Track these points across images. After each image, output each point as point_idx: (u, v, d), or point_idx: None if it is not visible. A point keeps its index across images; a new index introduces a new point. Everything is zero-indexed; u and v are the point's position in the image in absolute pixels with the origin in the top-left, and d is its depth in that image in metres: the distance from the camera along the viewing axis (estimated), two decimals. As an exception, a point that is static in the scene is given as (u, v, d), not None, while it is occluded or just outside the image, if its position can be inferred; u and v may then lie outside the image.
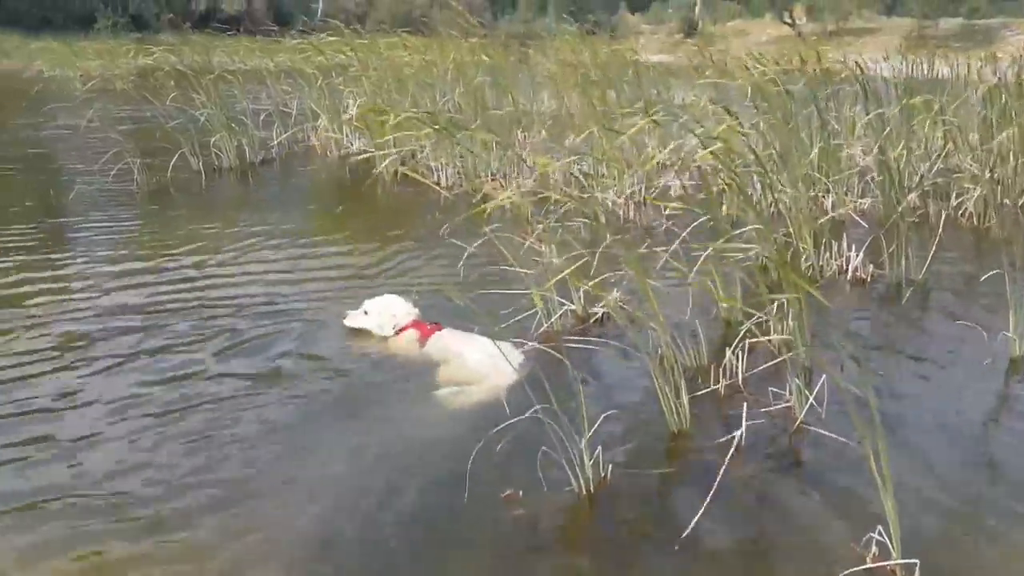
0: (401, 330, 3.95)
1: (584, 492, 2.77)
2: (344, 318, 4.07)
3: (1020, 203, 6.53)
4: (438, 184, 8.00)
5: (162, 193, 7.66)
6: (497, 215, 5.71)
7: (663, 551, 2.53)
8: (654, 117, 4.58)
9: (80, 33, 28.83)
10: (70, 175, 8.53)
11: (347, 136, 9.85)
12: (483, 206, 3.91)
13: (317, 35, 11.26)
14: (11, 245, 5.79)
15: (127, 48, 13.70)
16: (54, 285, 4.92)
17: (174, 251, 5.68)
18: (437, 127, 6.30)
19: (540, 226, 4.10)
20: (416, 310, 4.06)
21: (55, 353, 3.89)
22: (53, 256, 5.59)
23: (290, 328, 4.19)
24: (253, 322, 4.28)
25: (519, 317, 4.04)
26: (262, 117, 9.84)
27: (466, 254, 4.51)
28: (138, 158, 7.95)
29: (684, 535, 2.56)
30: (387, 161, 8.09)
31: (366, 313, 3.99)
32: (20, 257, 5.50)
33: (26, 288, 4.85)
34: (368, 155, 9.38)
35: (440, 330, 3.88)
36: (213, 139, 8.76)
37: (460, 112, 8.74)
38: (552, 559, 2.54)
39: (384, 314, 3.96)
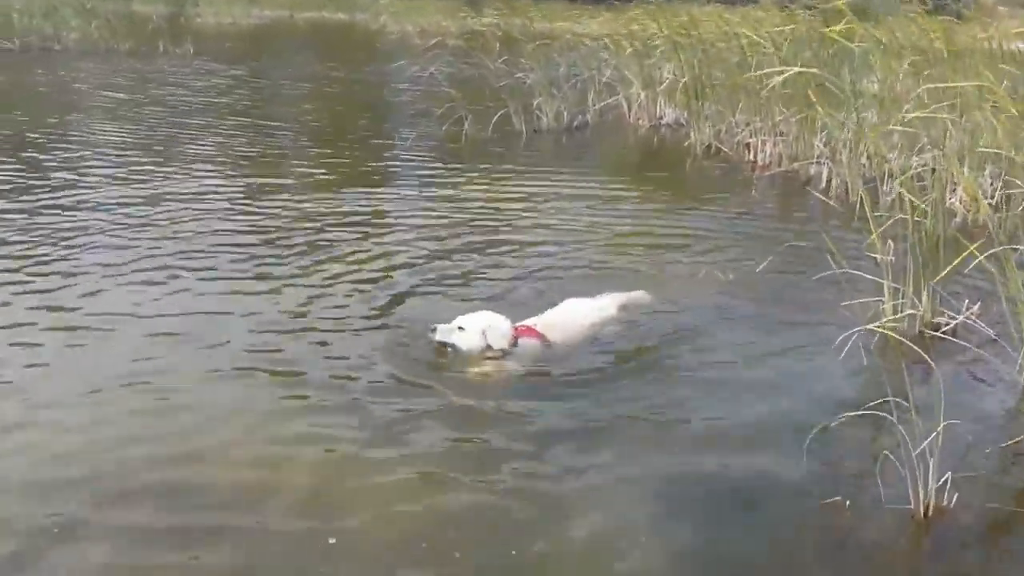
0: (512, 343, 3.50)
1: (920, 515, 2.49)
2: (432, 332, 3.43)
3: None
4: (754, 161, 7.71)
5: (486, 146, 8.20)
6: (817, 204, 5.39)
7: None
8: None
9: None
10: (411, 121, 9.48)
11: (660, 106, 9.80)
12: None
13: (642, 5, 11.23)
14: (356, 173, 6.77)
15: (462, 11, 14.88)
16: (383, 218, 5.52)
17: (493, 201, 6.06)
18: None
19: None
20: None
21: (368, 276, 4.33)
22: (386, 189, 6.43)
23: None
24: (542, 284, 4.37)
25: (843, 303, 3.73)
26: (577, 84, 10.09)
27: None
28: (469, 112, 8.55)
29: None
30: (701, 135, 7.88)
31: (461, 328, 3.42)
32: (361, 187, 6.36)
33: (362, 212, 5.59)
34: (680, 127, 9.30)
35: (532, 328, 3.57)
36: (536, 101, 9.19)
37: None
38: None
39: (492, 330, 3.42)
